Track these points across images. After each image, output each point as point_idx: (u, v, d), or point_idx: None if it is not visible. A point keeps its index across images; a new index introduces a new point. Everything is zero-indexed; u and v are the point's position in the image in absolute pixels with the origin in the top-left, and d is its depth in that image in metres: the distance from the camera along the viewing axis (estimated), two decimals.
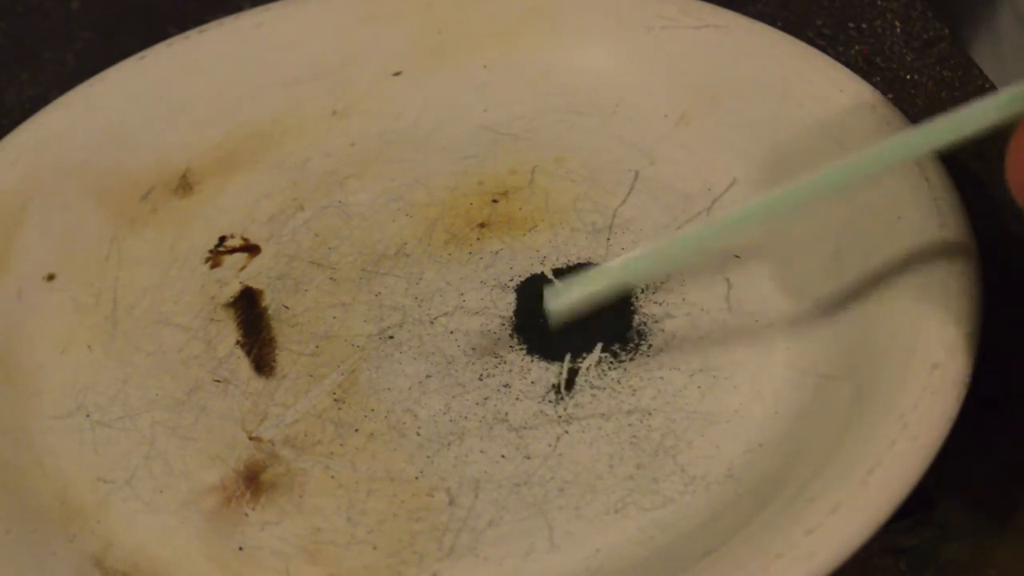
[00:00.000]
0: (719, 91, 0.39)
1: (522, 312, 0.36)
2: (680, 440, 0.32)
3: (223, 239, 0.39)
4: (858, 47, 0.43)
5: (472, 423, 0.34)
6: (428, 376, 0.35)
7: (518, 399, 0.34)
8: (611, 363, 0.34)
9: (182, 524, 0.33)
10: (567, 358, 0.35)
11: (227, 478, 0.34)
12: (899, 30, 0.43)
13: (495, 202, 0.39)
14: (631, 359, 0.34)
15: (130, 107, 0.41)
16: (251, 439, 0.34)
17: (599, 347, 0.35)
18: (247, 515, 0.33)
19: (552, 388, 0.34)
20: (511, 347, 0.35)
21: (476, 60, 0.42)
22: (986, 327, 0.30)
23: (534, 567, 0.31)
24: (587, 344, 0.35)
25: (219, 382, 0.36)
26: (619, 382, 0.34)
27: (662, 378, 0.34)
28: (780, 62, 0.38)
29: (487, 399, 0.34)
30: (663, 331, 0.35)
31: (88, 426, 0.35)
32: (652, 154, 0.39)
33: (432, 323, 0.36)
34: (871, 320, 0.32)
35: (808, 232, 0.35)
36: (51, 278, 0.38)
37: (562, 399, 0.34)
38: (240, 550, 0.32)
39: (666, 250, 0.31)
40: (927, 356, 0.29)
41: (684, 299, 0.35)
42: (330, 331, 0.36)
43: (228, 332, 0.37)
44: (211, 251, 0.39)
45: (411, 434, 0.34)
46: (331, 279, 0.38)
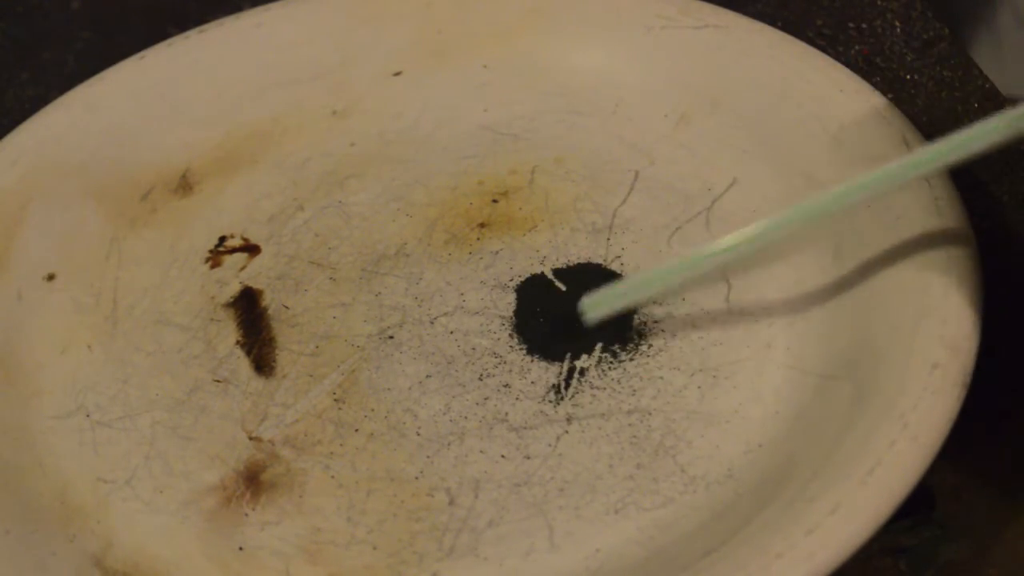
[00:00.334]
0: (719, 91, 0.39)
1: (522, 312, 0.36)
2: (680, 440, 0.32)
3: (223, 239, 0.39)
4: (858, 47, 0.43)
5: (472, 423, 0.34)
6: (428, 376, 0.35)
7: (518, 399, 0.34)
8: (611, 363, 0.34)
9: (182, 524, 0.33)
10: (567, 358, 0.35)
11: (227, 478, 0.34)
12: (899, 30, 0.43)
13: (495, 202, 0.39)
14: (631, 359, 0.34)
15: (130, 107, 0.41)
16: (251, 439, 0.34)
17: (599, 347, 0.35)
18: (247, 515, 0.33)
19: (552, 388, 0.34)
20: (511, 347, 0.35)
21: (476, 60, 0.42)
22: (986, 327, 0.30)
23: (534, 567, 0.31)
24: (587, 344, 0.35)
25: (219, 382, 0.36)
26: (619, 382, 0.34)
27: (662, 378, 0.34)
28: (780, 62, 0.38)
29: (487, 399, 0.34)
30: (663, 331, 0.35)
31: (88, 426, 0.35)
32: (652, 154, 0.39)
33: (432, 323, 0.36)
34: (871, 320, 0.32)
35: (808, 232, 0.35)
36: (51, 278, 0.38)
37: (562, 399, 0.34)
38: (240, 550, 0.32)
39: (703, 259, 0.32)
40: (927, 356, 0.29)
41: (684, 299, 0.35)
42: (330, 331, 0.36)
43: (228, 332, 0.37)
44: (211, 251, 0.39)
45: (411, 434, 0.34)
46: (331, 279, 0.38)
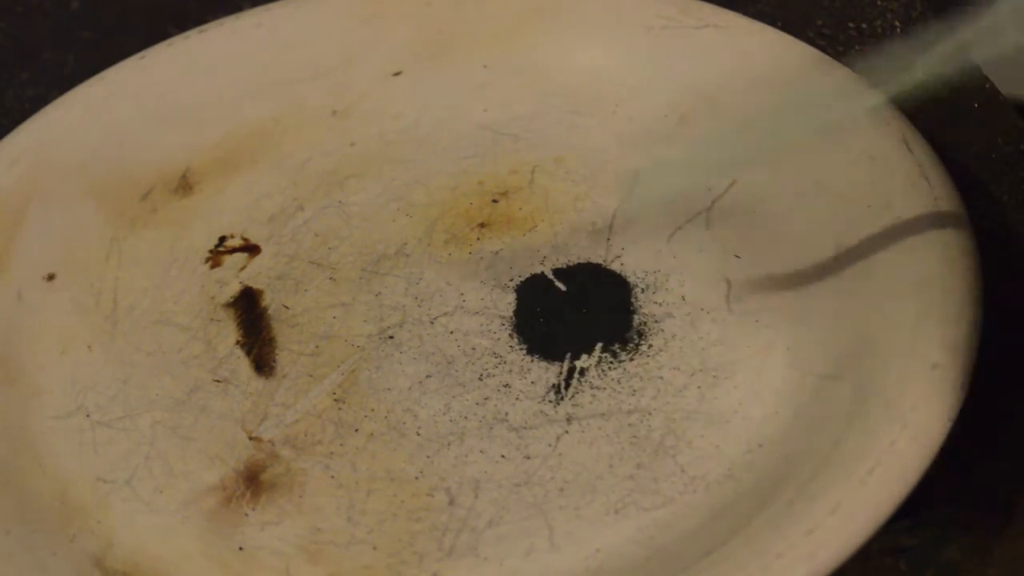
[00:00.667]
0: (719, 91, 0.39)
1: (522, 312, 0.36)
2: (680, 440, 0.32)
3: (223, 239, 0.39)
4: (858, 47, 0.43)
5: (472, 423, 0.34)
6: (428, 376, 0.35)
7: (518, 399, 0.34)
8: (611, 363, 0.34)
9: (182, 524, 0.33)
10: (567, 358, 0.35)
11: (227, 478, 0.34)
12: (899, 30, 0.43)
13: (495, 202, 0.39)
14: (631, 359, 0.34)
15: (130, 107, 0.41)
16: (251, 439, 0.34)
17: (599, 347, 0.35)
18: (247, 515, 0.33)
19: (552, 388, 0.34)
20: (511, 347, 0.35)
21: (476, 60, 0.42)
22: (986, 327, 0.30)
23: (534, 567, 0.31)
24: (587, 344, 0.35)
25: (219, 382, 0.36)
26: (619, 382, 0.34)
27: (662, 378, 0.34)
28: (780, 62, 0.38)
29: (487, 399, 0.34)
30: (663, 331, 0.35)
31: (88, 426, 0.35)
32: (652, 154, 0.39)
33: (432, 323, 0.36)
34: (871, 320, 0.32)
35: (808, 232, 0.35)
36: (51, 278, 0.38)
37: (562, 399, 0.34)
38: (240, 550, 0.32)
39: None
40: (927, 356, 0.29)
41: (684, 299, 0.35)
42: (330, 331, 0.36)
43: (228, 332, 0.37)
44: (211, 251, 0.39)
45: (411, 434, 0.34)
46: (331, 279, 0.38)
